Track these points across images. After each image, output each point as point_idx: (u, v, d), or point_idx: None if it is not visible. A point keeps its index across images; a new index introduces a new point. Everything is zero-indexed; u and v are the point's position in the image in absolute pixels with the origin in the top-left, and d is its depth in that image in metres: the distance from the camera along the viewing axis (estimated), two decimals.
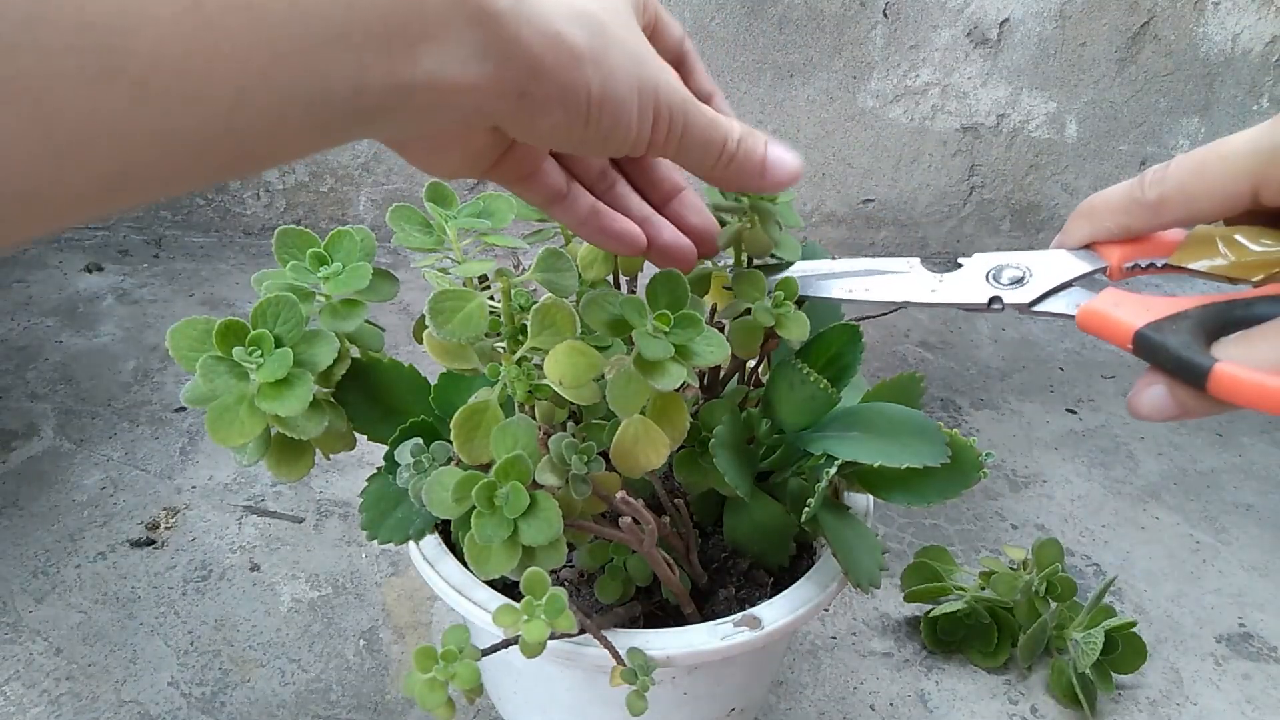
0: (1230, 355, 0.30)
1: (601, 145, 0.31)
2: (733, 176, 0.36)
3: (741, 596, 0.56)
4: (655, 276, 0.40)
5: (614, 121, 0.30)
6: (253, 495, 0.85)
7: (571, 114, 0.29)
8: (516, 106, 0.28)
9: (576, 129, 0.30)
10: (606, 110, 0.30)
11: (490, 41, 0.26)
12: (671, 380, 0.38)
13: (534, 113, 0.28)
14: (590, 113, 0.29)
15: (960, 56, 1.31)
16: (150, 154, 0.21)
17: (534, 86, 0.28)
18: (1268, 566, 0.89)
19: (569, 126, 0.29)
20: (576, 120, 0.29)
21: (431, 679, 0.42)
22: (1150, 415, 0.33)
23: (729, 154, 0.35)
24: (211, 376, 0.38)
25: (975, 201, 1.43)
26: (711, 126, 0.34)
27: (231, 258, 1.26)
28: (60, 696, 0.66)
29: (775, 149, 0.36)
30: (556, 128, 0.29)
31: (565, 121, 0.29)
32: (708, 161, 0.35)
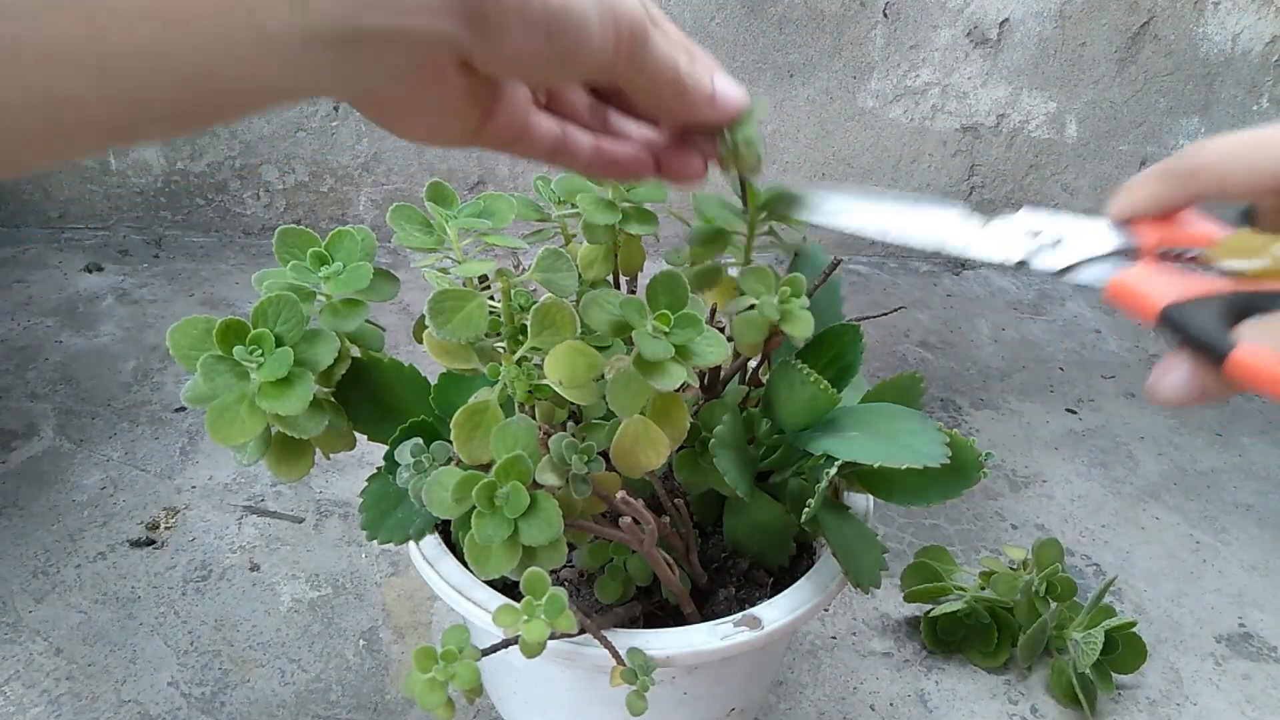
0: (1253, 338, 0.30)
1: (568, 65, 0.30)
2: (684, 106, 0.35)
3: (741, 596, 0.56)
4: (655, 276, 0.40)
5: (576, 36, 0.29)
6: (253, 495, 0.85)
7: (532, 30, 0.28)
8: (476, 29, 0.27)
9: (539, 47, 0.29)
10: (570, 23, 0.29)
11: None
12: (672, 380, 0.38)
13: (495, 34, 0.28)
14: (550, 27, 0.29)
15: (960, 56, 1.31)
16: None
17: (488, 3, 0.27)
18: (1268, 566, 0.89)
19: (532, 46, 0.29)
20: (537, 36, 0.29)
21: (431, 679, 0.42)
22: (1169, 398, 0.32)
23: (681, 80, 0.34)
24: (212, 376, 0.38)
25: (975, 201, 1.42)
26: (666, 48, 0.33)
27: (231, 258, 1.26)
28: (60, 696, 0.66)
29: (720, 77, 0.36)
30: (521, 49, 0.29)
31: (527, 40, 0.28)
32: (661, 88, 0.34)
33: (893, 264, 1.44)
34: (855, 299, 1.32)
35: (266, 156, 1.27)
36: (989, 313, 1.32)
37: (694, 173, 0.39)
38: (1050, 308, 1.35)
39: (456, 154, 1.30)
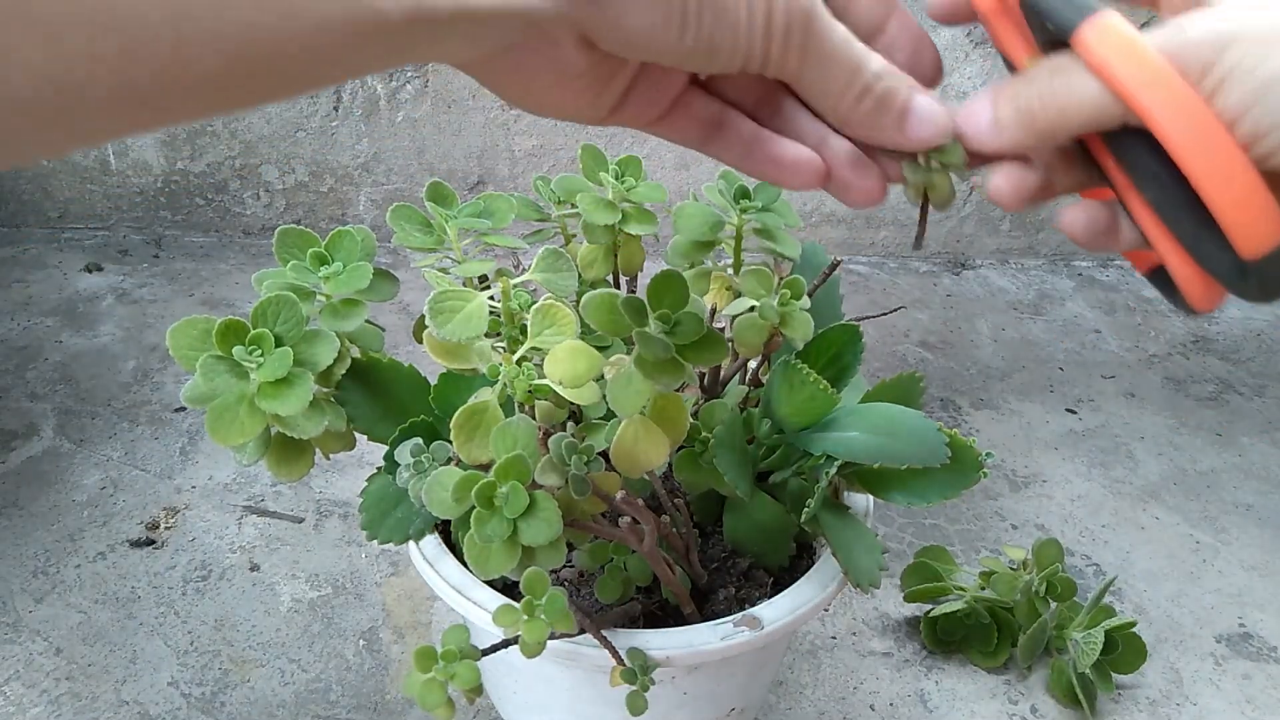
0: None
1: (707, 56, 0.27)
2: (866, 119, 0.29)
3: (741, 596, 0.56)
4: (655, 277, 0.40)
5: (717, 22, 0.26)
6: (253, 495, 0.85)
7: (663, 10, 0.25)
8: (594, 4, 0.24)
9: (673, 32, 0.25)
10: (706, 8, 0.25)
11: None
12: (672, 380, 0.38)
13: (618, 11, 0.25)
14: (688, 10, 0.25)
15: (960, 56, 1.31)
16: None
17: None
18: (1268, 566, 0.89)
19: (664, 29, 0.25)
20: (671, 20, 0.25)
21: (431, 679, 0.43)
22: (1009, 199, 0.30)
23: (863, 86, 0.28)
24: (211, 376, 0.38)
25: (975, 201, 1.42)
26: (845, 45, 0.28)
27: (231, 258, 1.26)
28: (60, 696, 0.66)
29: (923, 96, 0.30)
30: (649, 31, 0.25)
31: (658, 22, 0.25)
32: (836, 90, 0.29)
33: (892, 264, 1.44)
34: (855, 299, 1.32)
35: (266, 156, 1.27)
36: (989, 313, 1.32)
37: (870, 194, 0.32)
38: (1050, 308, 1.35)
39: (457, 154, 1.30)
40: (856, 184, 0.32)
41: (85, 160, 1.24)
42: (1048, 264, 1.49)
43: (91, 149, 1.23)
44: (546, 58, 0.27)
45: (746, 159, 0.32)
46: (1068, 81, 0.27)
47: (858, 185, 0.32)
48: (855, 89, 0.29)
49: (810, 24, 0.27)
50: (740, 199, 0.50)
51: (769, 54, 0.27)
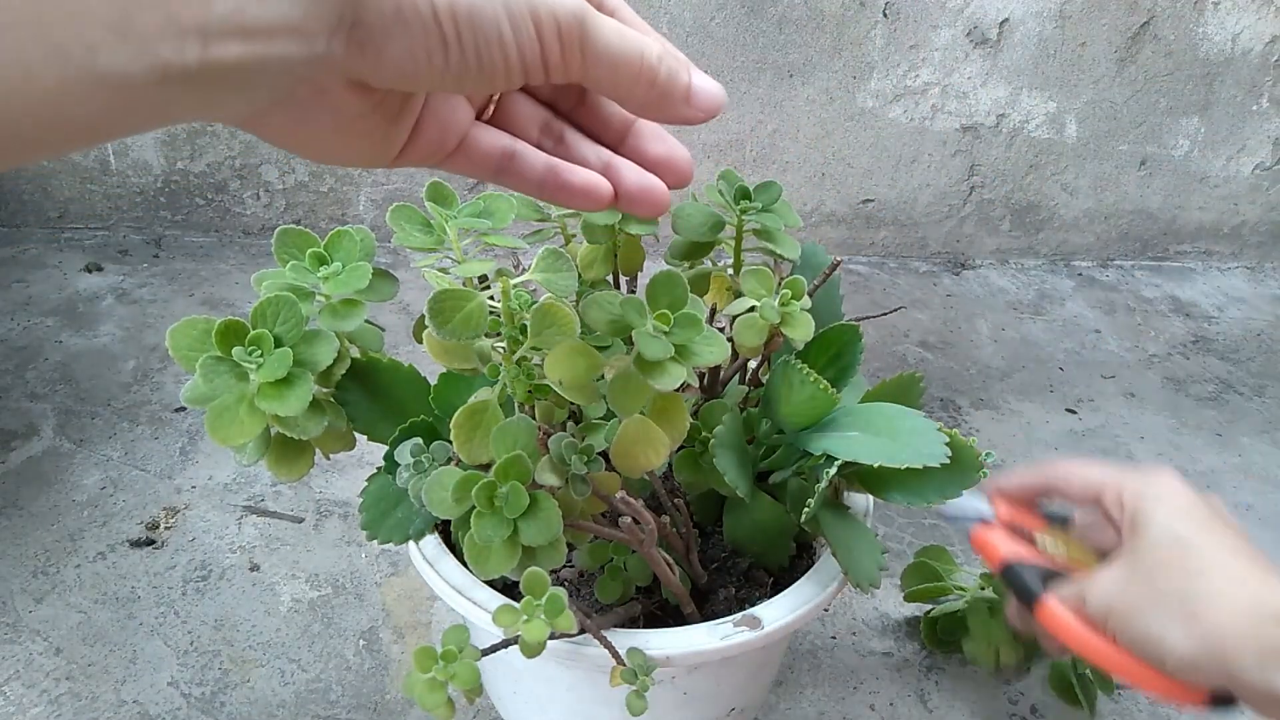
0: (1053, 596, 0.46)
1: (480, 75, 0.26)
2: (657, 102, 0.30)
3: (741, 596, 0.56)
4: (655, 276, 0.40)
5: (480, 40, 0.26)
6: (253, 495, 0.85)
7: (421, 37, 0.25)
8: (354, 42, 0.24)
9: (437, 57, 0.25)
10: (464, 26, 0.25)
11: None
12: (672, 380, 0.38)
13: (376, 45, 0.24)
14: (445, 32, 0.25)
15: (960, 56, 1.31)
16: None
17: (364, 13, 0.24)
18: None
19: (427, 55, 0.25)
20: (432, 45, 0.25)
21: (431, 679, 0.42)
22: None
23: (650, 71, 0.30)
24: (211, 376, 0.38)
25: (975, 201, 1.43)
26: (621, 38, 0.29)
27: (231, 258, 1.26)
28: (60, 696, 0.66)
29: (698, 74, 0.31)
30: (412, 59, 0.25)
31: (419, 49, 0.25)
32: (626, 82, 0.29)
33: (892, 264, 1.44)
34: (855, 299, 1.32)
35: (266, 156, 1.27)
36: (989, 313, 1.32)
37: (656, 207, 0.35)
38: (1050, 308, 1.35)
39: None
40: (641, 199, 0.34)
41: (85, 160, 1.24)
42: (1048, 264, 1.48)
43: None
44: (321, 106, 0.27)
45: (540, 188, 0.34)
46: None
47: (643, 200, 0.34)
48: (645, 76, 0.30)
49: (584, 23, 0.28)
50: (740, 199, 0.50)
51: (548, 60, 0.27)
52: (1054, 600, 0.45)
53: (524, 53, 0.27)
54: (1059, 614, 0.45)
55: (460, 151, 0.32)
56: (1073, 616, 0.45)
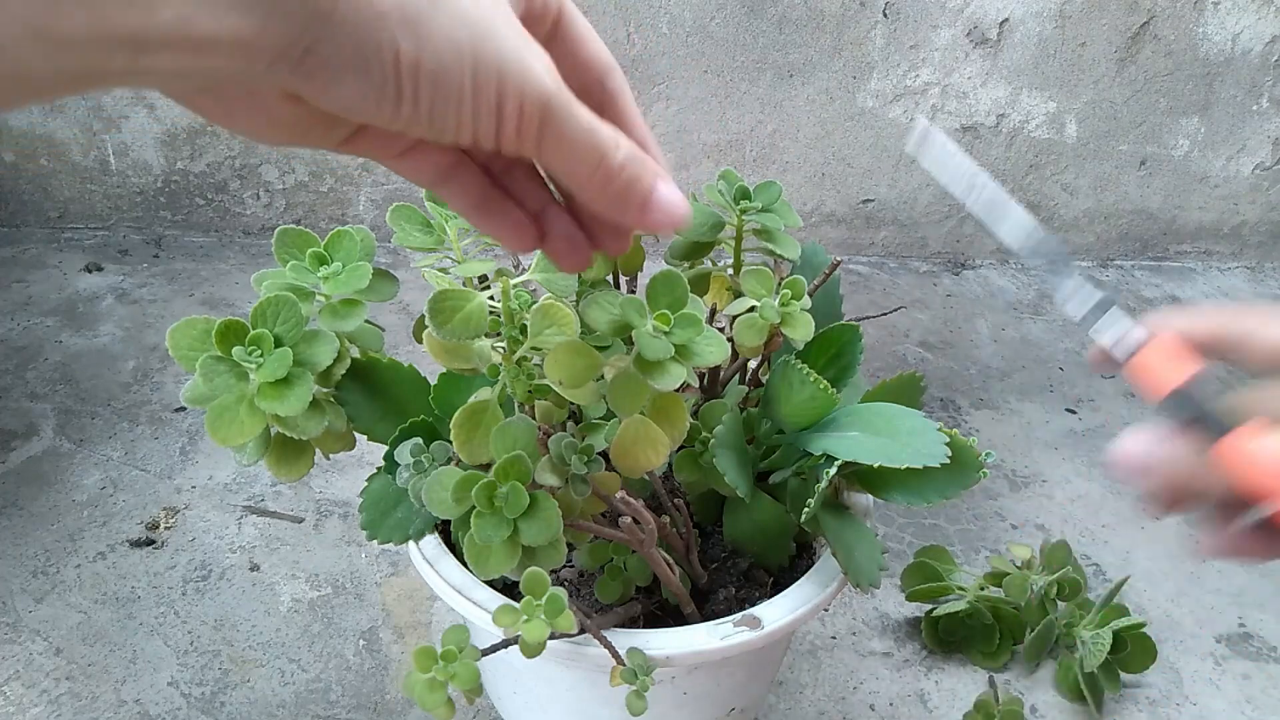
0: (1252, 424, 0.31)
1: (430, 128, 0.26)
2: (610, 201, 0.30)
3: (741, 596, 0.56)
4: (655, 276, 0.40)
5: (436, 99, 0.25)
6: (253, 495, 0.85)
7: (376, 82, 0.24)
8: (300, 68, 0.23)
9: (389, 103, 0.25)
10: (424, 83, 0.24)
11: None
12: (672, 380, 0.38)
13: (324, 77, 0.23)
14: (402, 85, 0.24)
15: (960, 56, 1.31)
16: None
17: (320, 45, 0.23)
18: (1267, 566, 0.89)
19: (379, 99, 0.24)
20: (386, 91, 0.24)
21: (431, 679, 0.42)
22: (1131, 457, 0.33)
23: (607, 171, 0.29)
24: (211, 376, 0.38)
25: None
26: (589, 133, 0.28)
27: (231, 258, 1.26)
28: (60, 696, 0.66)
29: (665, 184, 0.30)
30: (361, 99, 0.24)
31: (369, 92, 0.24)
32: (581, 174, 0.29)
33: (892, 264, 1.44)
34: (855, 299, 1.32)
35: (266, 156, 1.27)
36: (989, 313, 1.32)
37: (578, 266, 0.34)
38: (1050, 308, 1.35)
39: None
40: (567, 256, 0.34)
41: (85, 160, 1.24)
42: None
43: None
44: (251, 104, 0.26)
45: (471, 212, 0.33)
46: None
47: (568, 257, 0.34)
48: (599, 175, 0.29)
49: (548, 113, 0.27)
50: (740, 199, 0.50)
51: (502, 135, 0.27)
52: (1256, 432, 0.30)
53: (479, 122, 0.26)
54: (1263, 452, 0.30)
55: (408, 156, 0.31)
56: None
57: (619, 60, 0.33)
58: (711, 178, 0.57)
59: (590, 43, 0.31)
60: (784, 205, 0.52)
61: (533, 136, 0.27)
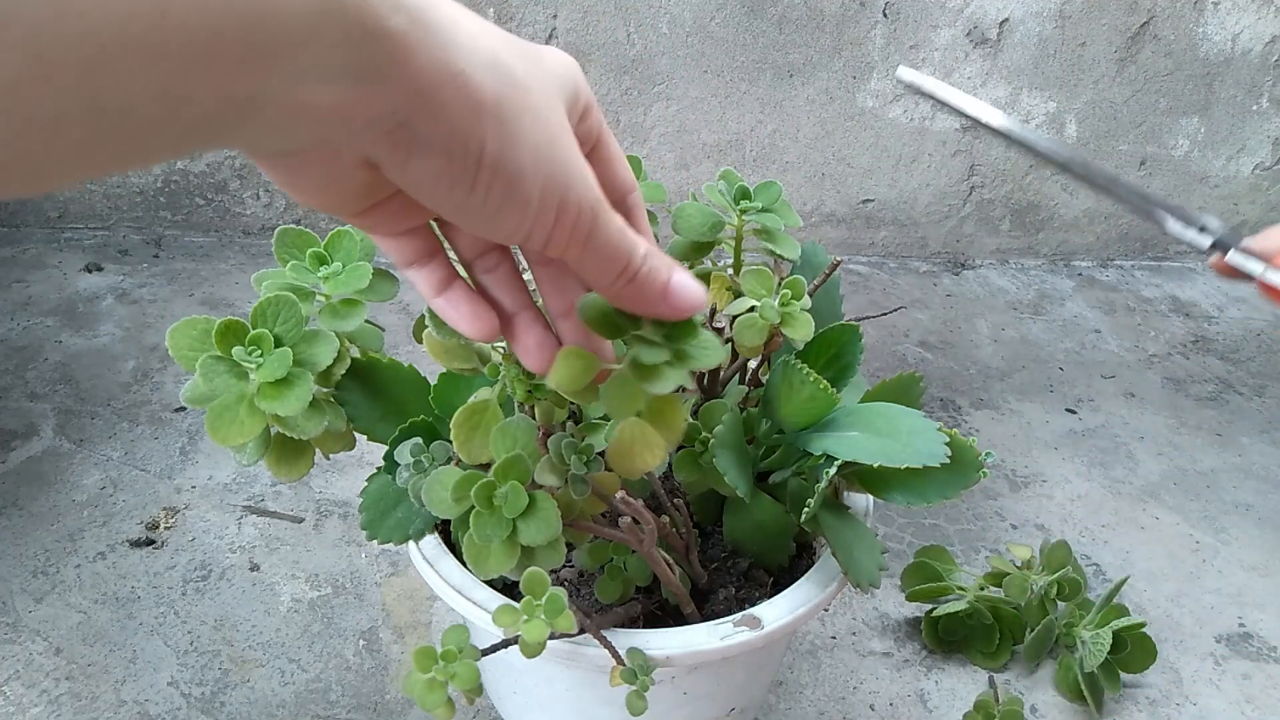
0: None
1: (490, 222, 0.27)
2: (633, 295, 0.33)
3: (741, 596, 0.56)
4: None
5: (508, 195, 0.26)
6: (253, 495, 0.85)
7: (456, 167, 0.25)
8: (392, 138, 0.24)
9: (460, 189, 0.26)
10: (500, 178, 0.26)
11: (369, 62, 0.22)
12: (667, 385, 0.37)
13: (411, 150, 0.25)
14: (480, 175, 0.26)
15: (960, 56, 1.31)
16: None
17: (417, 119, 0.24)
18: (1268, 566, 0.89)
19: (451, 183, 0.26)
20: (461, 177, 0.25)
21: (431, 679, 0.42)
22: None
23: (632, 270, 0.32)
24: (211, 376, 0.38)
25: (975, 201, 1.42)
26: (621, 236, 0.31)
27: (231, 258, 1.26)
28: (60, 696, 0.66)
29: (680, 274, 0.33)
30: (436, 178, 0.25)
31: (447, 173, 0.25)
32: (609, 274, 0.31)
33: (892, 264, 1.44)
34: (855, 299, 1.32)
35: None
36: (989, 313, 1.32)
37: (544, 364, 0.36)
38: (1050, 308, 1.35)
39: None
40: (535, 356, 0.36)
41: None
42: (1048, 264, 1.48)
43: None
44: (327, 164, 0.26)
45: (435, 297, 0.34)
46: None
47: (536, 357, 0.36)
48: (628, 272, 0.32)
49: (597, 218, 0.29)
50: (740, 199, 0.50)
51: (552, 238, 0.29)
52: None
53: (536, 226, 0.28)
54: None
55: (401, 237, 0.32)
56: None
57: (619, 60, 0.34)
58: (711, 177, 0.57)
59: (621, 163, 0.34)
60: (784, 205, 0.52)
61: (581, 241, 0.29)
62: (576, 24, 1.21)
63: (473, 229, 0.29)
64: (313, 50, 0.21)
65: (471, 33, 0.25)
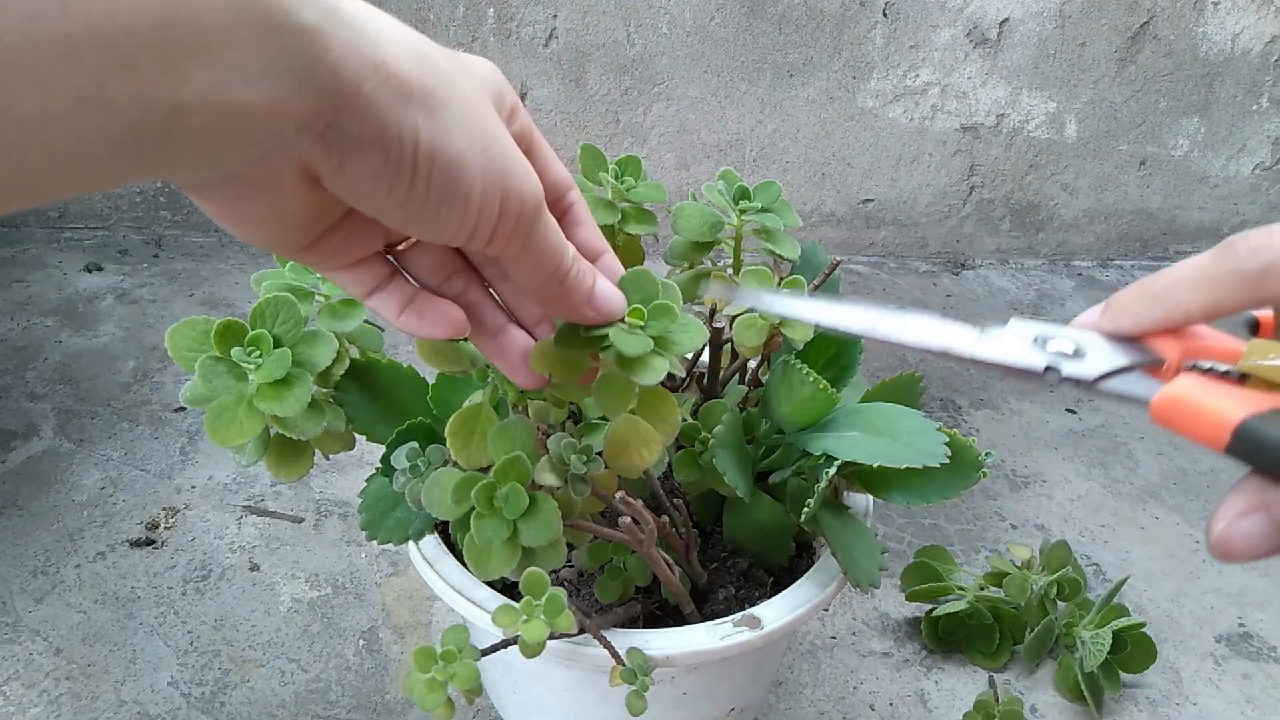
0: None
1: (434, 220, 0.27)
2: (561, 297, 0.33)
3: (741, 596, 0.56)
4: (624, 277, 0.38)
5: (448, 189, 0.26)
6: (252, 495, 0.85)
7: (392, 163, 0.25)
8: (323, 141, 0.24)
9: (400, 188, 0.25)
10: (437, 169, 0.25)
11: (288, 59, 0.22)
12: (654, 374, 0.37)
13: (345, 152, 0.24)
14: (418, 168, 0.25)
15: (960, 56, 1.30)
16: None
17: (344, 118, 0.23)
18: (1267, 566, 0.88)
19: (391, 182, 0.25)
20: (400, 175, 0.25)
21: (431, 679, 0.42)
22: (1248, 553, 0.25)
23: (563, 271, 0.32)
24: (210, 377, 0.38)
25: (975, 201, 1.42)
26: (557, 235, 0.31)
27: (231, 258, 1.26)
28: (60, 696, 0.66)
29: (603, 281, 0.34)
30: (375, 179, 0.25)
31: (385, 173, 0.25)
32: (543, 274, 0.31)
33: (892, 264, 1.44)
34: (855, 299, 1.32)
35: None
36: (989, 313, 1.32)
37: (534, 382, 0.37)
38: (1050, 308, 1.35)
39: None
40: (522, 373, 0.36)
41: None
42: (1048, 264, 1.48)
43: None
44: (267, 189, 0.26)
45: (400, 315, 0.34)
46: None
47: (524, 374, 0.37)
48: (559, 273, 0.32)
49: (538, 214, 0.29)
50: (740, 199, 0.50)
51: (496, 232, 0.28)
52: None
53: (481, 220, 0.27)
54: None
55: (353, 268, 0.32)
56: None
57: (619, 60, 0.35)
58: (711, 177, 0.57)
59: (554, 162, 0.34)
60: (784, 205, 0.52)
61: (521, 238, 0.29)
62: (576, 24, 1.21)
63: (418, 232, 0.29)
64: (230, 49, 0.21)
65: (387, 26, 0.25)
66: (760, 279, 0.50)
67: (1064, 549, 0.78)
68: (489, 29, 1.20)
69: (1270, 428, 0.25)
